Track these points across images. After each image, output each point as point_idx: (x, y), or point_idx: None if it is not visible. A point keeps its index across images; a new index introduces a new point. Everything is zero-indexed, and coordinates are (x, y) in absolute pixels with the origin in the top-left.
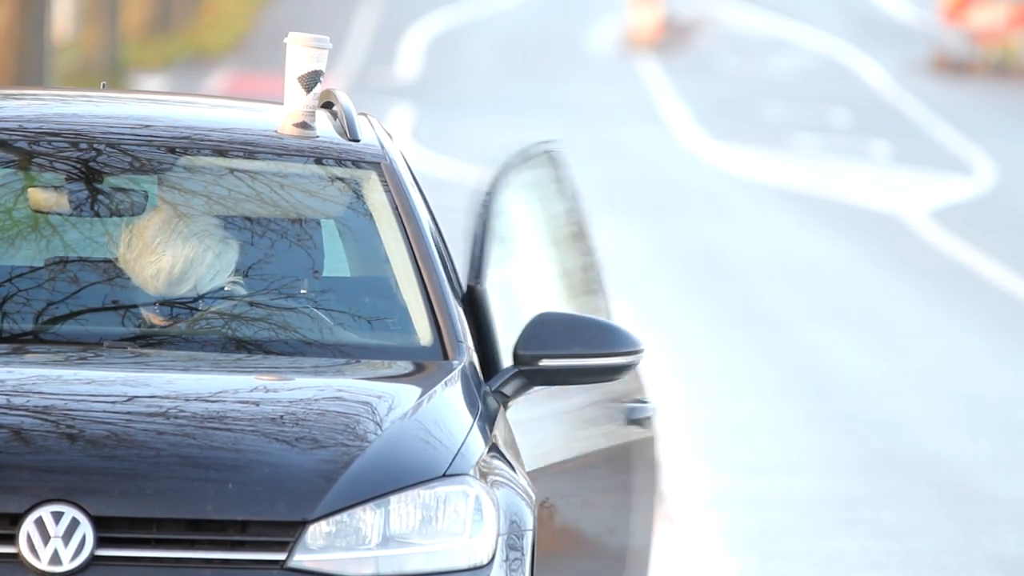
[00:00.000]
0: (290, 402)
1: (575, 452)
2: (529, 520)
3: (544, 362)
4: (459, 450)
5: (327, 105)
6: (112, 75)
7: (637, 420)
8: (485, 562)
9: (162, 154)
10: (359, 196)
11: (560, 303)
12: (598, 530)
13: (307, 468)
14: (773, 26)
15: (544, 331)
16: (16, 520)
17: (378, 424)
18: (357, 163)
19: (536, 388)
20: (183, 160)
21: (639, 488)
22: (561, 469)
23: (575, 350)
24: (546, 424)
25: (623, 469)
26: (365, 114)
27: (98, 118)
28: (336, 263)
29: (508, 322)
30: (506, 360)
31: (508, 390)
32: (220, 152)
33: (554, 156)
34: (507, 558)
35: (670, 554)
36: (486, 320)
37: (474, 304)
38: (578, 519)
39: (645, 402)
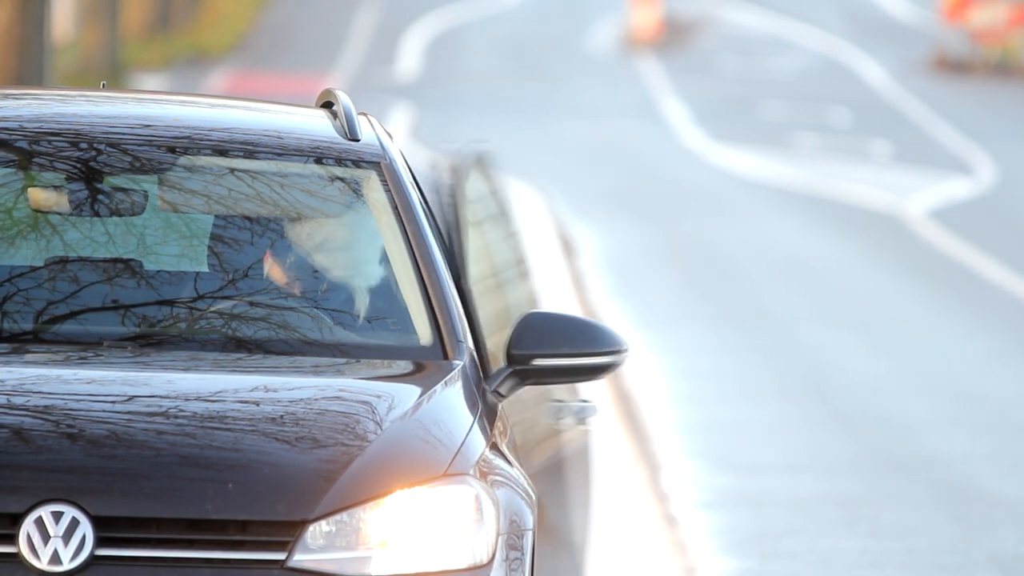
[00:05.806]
0: (290, 402)
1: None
2: (529, 520)
3: (537, 361)
4: (459, 449)
5: (327, 105)
6: (112, 75)
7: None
8: (485, 562)
9: (162, 154)
10: (359, 196)
11: (495, 293)
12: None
13: (307, 468)
14: (773, 26)
15: (535, 331)
16: (16, 520)
17: (378, 424)
18: (357, 163)
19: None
20: (183, 160)
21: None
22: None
23: (564, 349)
24: None
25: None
26: (365, 114)
27: (98, 118)
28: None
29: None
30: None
31: (504, 389)
32: (220, 152)
33: (480, 157)
34: (507, 558)
35: (671, 554)
36: (472, 318)
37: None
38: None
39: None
